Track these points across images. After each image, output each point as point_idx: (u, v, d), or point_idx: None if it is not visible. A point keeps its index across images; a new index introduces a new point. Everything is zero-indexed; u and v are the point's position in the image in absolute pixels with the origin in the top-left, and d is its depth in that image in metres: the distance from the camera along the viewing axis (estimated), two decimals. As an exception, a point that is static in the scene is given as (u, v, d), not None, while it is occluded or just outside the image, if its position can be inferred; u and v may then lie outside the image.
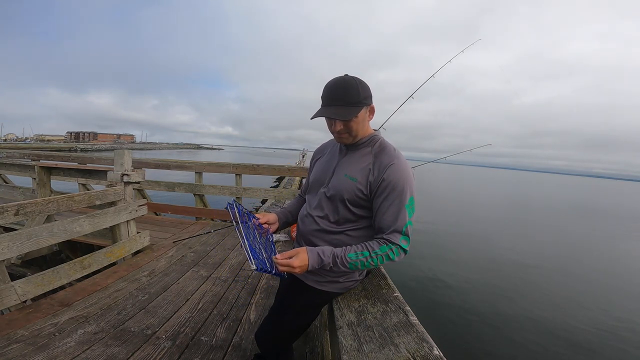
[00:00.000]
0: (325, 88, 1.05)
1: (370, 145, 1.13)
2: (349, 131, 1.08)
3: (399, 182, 1.02)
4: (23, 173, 4.87)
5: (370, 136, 1.13)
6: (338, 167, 1.16)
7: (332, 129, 1.09)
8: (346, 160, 1.15)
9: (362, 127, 1.09)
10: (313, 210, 1.19)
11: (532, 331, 4.53)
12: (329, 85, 1.04)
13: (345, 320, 0.97)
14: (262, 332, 1.26)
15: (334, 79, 1.05)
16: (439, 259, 7.46)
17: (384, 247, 1.01)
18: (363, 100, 1.03)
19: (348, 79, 1.03)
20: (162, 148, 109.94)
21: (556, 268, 7.72)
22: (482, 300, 5.43)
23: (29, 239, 1.99)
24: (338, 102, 1.02)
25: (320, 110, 1.06)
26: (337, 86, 1.02)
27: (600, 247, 10.95)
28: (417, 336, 0.85)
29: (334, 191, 1.12)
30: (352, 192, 1.08)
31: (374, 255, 1.01)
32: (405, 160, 1.08)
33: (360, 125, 1.08)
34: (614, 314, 5.32)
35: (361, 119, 1.06)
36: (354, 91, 1.02)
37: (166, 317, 1.97)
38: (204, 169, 4.72)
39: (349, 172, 1.11)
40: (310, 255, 1.01)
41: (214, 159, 47.00)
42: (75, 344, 1.62)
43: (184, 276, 2.60)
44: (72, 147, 56.71)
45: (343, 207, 1.11)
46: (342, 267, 1.01)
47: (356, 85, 1.03)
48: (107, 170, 3.06)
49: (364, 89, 1.04)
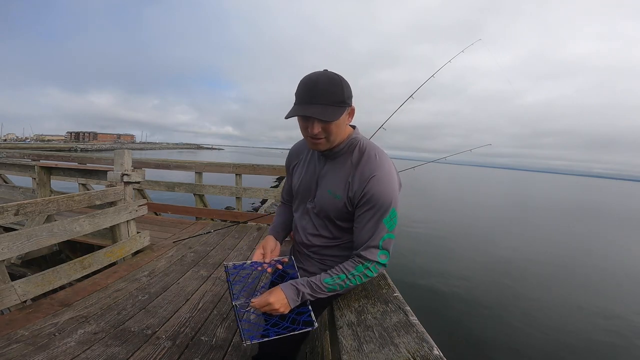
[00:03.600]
0: (303, 83, 0.91)
1: (349, 151, 1.02)
2: (327, 135, 0.95)
3: (380, 196, 0.94)
4: (23, 173, 4.88)
5: (348, 141, 1.02)
6: (321, 180, 1.06)
7: (306, 132, 0.96)
8: (327, 171, 1.05)
9: (342, 131, 0.98)
10: (305, 227, 1.14)
11: (532, 331, 4.53)
12: (308, 81, 0.90)
13: (345, 320, 0.97)
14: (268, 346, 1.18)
15: (314, 74, 0.91)
16: (439, 259, 7.46)
17: (359, 268, 0.98)
18: (347, 100, 0.92)
19: (331, 75, 0.91)
20: (162, 148, 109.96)
21: (557, 268, 7.72)
22: (482, 300, 5.43)
23: (29, 239, 1.99)
24: (320, 100, 0.88)
25: (297, 107, 0.91)
26: (319, 82, 0.89)
27: (601, 247, 10.95)
28: (417, 336, 0.84)
29: (320, 208, 1.06)
30: (338, 210, 1.02)
31: (350, 277, 0.98)
32: (389, 166, 0.99)
33: (340, 129, 0.96)
34: (614, 315, 5.32)
35: (342, 122, 0.95)
36: (338, 89, 0.90)
37: (166, 317, 1.97)
38: (204, 169, 4.73)
39: (332, 188, 1.02)
40: (285, 290, 0.96)
41: (214, 159, 46.99)
42: (75, 343, 1.62)
43: (184, 276, 2.60)
44: (72, 147, 56.73)
45: (333, 224, 1.06)
46: (321, 293, 0.98)
47: (340, 82, 0.91)
48: (107, 170, 3.06)
49: (347, 88, 0.93)
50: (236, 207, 4.69)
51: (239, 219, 4.45)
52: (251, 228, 4.22)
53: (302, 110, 0.90)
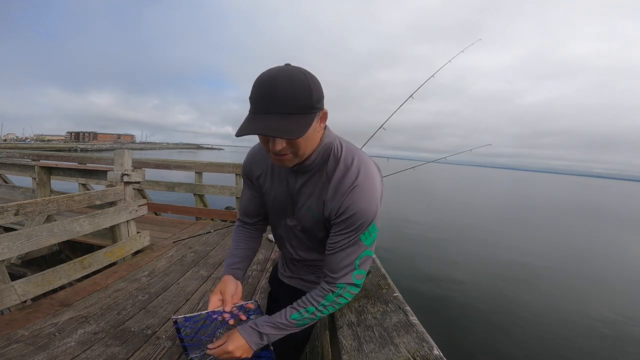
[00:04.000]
0: (257, 86, 0.69)
1: (322, 161, 0.84)
2: (294, 151, 0.75)
3: (358, 215, 0.80)
4: (23, 173, 4.88)
5: (320, 148, 0.82)
6: (297, 197, 0.91)
7: (267, 147, 0.76)
8: (301, 186, 0.89)
9: (312, 142, 0.78)
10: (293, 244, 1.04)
11: (532, 331, 4.53)
12: (264, 82, 0.68)
13: (345, 320, 0.97)
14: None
15: (272, 72, 0.69)
16: (439, 259, 7.46)
17: (329, 297, 0.86)
18: (316, 105, 0.71)
19: (294, 72, 0.68)
20: (162, 148, 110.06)
21: (557, 268, 7.73)
22: (482, 300, 5.43)
23: (29, 239, 1.99)
24: (281, 108, 0.67)
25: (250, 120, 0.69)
26: (277, 83, 0.66)
27: (601, 248, 10.95)
28: (417, 336, 0.85)
29: (303, 227, 0.95)
30: (324, 230, 0.91)
31: (321, 308, 0.87)
32: (369, 173, 0.82)
33: (309, 142, 0.76)
34: (614, 316, 5.32)
35: (311, 132, 0.73)
36: (303, 91, 0.68)
37: (166, 317, 1.96)
38: (204, 169, 4.73)
39: (311, 207, 0.89)
40: (245, 334, 0.85)
41: (214, 159, 46.97)
42: (75, 343, 1.62)
43: (184, 276, 2.60)
44: (72, 147, 56.79)
45: (319, 242, 0.96)
46: (290, 330, 0.88)
47: (307, 81, 0.68)
48: (107, 170, 3.06)
49: (317, 88, 0.71)
50: (236, 207, 4.69)
51: (239, 219, 4.45)
52: (251, 228, 4.22)
53: (257, 127, 0.68)
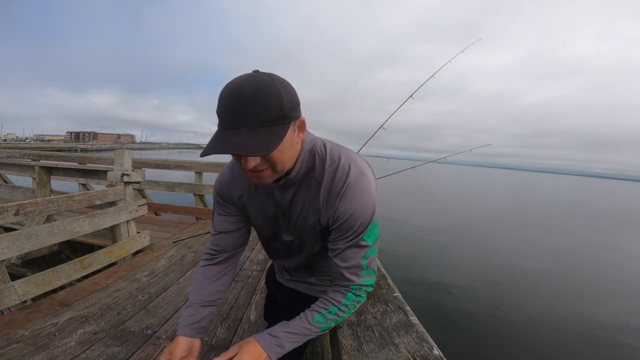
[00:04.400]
0: (222, 98, 0.63)
1: (308, 168, 0.79)
2: (272, 165, 0.68)
3: (355, 217, 0.76)
4: (23, 173, 4.88)
5: (304, 158, 0.76)
6: (287, 212, 0.85)
7: (241, 165, 0.69)
8: (290, 199, 0.83)
9: (290, 153, 0.71)
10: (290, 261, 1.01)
11: (532, 331, 4.53)
12: (229, 94, 0.62)
13: (345, 320, 0.97)
14: None
15: (237, 81, 0.63)
16: (439, 260, 7.46)
17: (350, 296, 0.84)
18: (289, 114, 0.64)
19: (262, 80, 0.62)
20: (162, 148, 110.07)
21: (557, 269, 7.72)
22: (482, 300, 5.44)
23: (29, 239, 1.99)
24: (249, 122, 0.61)
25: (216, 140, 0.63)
26: (243, 94, 0.61)
27: (602, 249, 10.95)
28: (417, 336, 0.85)
29: (301, 240, 0.90)
30: (323, 238, 0.88)
31: (343, 308, 0.84)
32: (361, 168, 0.78)
33: (286, 154, 0.69)
34: (614, 316, 5.32)
35: (287, 144, 0.67)
36: (273, 99, 0.62)
37: (166, 317, 1.97)
38: (204, 169, 4.73)
39: (306, 217, 0.84)
40: (262, 342, 0.78)
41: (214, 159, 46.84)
42: (75, 343, 1.62)
43: (184, 276, 2.60)
44: (72, 147, 56.81)
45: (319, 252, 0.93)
46: (313, 334, 0.83)
47: (276, 89, 0.62)
48: (107, 170, 3.06)
49: (289, 95, 0.65)
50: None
51: (239, 219, 4.45)
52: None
53: (221, 146, 0.61)
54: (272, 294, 1.27)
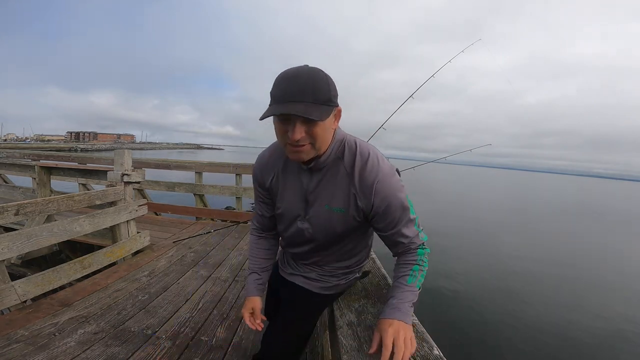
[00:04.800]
0: (280, 79, 0.76)
1: (337, 157, 0.88)
2: (312, 141, 0.79)
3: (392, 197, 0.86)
4: (23, 173, 4.88)
5: (334, 144, 0.87)
6: (311, 196, 0.92)
7: (286, 139, 0.79)
8: (318, 184, 0.91)
9: (328, 135, 0.83)
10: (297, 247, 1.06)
11: (532, 331, 4.53)
12: (286, 76, 0.75)
13: (346, 320, 0.97)
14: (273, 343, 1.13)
15: (293, 69, 0.77)
16: (439, 259, 7.46)
17: (420, 251, 0.93)
18: (333, 99, 0.78)
19: (314, 70, 0.77)
20: (162, 148, 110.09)
21: (558, 269, 7.72)
22: (482, 300, 5.43)
23: (29, 239, 1.99)
24: (303, 98, 0.73)
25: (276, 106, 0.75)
26: (299, 76, 0.74)
27: (602, 249, 10.95)
28: (417, 336, 0.85)
29: (318, 228, 0.95)
30: (345, 224, 0.92)
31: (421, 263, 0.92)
32: (384, 162, 0.88)
33: (326, 133, 0.81)
34: (615, 317, 5.31)
35: (329, 124, 0.80)
36: (323, 85, 0.75)
37: (166, 317, 1.97)
38: (204, 169, 4.73)
39: (330, 203, 0.90)
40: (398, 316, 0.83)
41: (214, 159, 46.93)
42: (75, 343, 1.62)
43: (184, 276, 2.60)
44: (72, 147, 56.79)
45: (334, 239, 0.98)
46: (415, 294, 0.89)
47: (325, 78, 0.77)
48: (107, 170, 3.06)
49: (333, 85, 0.78)
50: (236, 207, 4.69)
51: (239, 219, 4.45)
52: (251, 228, 4.22)
53: (282, 108, 0.73)
54: (274, 289, 1.28)
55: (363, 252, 1.12)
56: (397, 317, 0.82)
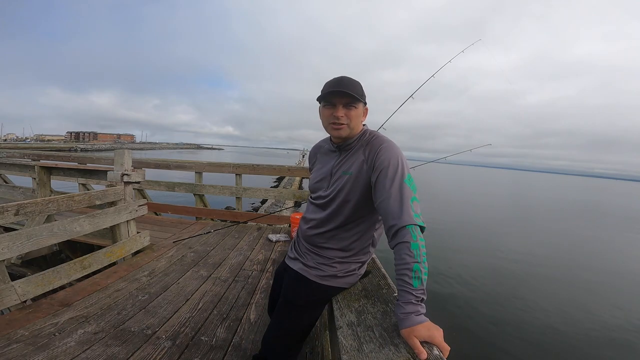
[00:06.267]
0: (331, 80, 1.10)
1: (361, 145, 1.13)
2: (348, 121, 1.09)
3: (392, 160, 1.02)
4: (23, 173, 4.87)
5: (361, 134, 1.16)
6: (335, 169, 1.16)
7: (330, 118, 1.10)
8: (342, 161, 1.15)
9: (359, 122, 1.13)
10: (314, 215, 1.19)
11: (532, 332, 4.53)
12: (336, 78, 1.10)
13: (345, 320, 0.97)
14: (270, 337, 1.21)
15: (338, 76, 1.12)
16: (439, 259, 7.45)
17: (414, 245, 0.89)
18: (364, 98, 1.11)
19: (350, 77, 1.11)
20: (162, 148, 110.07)
21: (560, 270, 7.72)
22: (482, 300, 5.43)
23: (29, 239, 1.99)
24: (347, 89, 1.06)
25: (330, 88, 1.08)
26: (345, 78, 1.09)
27: (602, 249, 10.94)
28: (417, 336, 0.84)
29: (336, 192, 1.12)
30: (353, 188, 1.08)
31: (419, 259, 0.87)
32: (393, 142, 1.10)
33: (358, 120, 1.12)
34: (614, 316, 5.31)
35: (360, 113, 1.12)
36: (358, 85, 1.10)
37: (166, 317, 1.97)
38: (204, 169, 4.72)
39: (346, 169, 1.12)
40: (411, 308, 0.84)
41: (214, 159, 46.94)
42: (75, 343, 1.62)
43: (184, 276, 2.60)
44: (72, 147, 56.76)
45: (345, 206, 1.11)
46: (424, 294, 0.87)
47: (359, 83, 1.11)
48: (107, 170, 3.06)
49: (363, 90, 1.12)
50: (236, 207, 4.69)
51: (239, 219, 4.45)
52: (251, 228, 4.22)
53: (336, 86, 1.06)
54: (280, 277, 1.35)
55: (362, 248, 1.16)
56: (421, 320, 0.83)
